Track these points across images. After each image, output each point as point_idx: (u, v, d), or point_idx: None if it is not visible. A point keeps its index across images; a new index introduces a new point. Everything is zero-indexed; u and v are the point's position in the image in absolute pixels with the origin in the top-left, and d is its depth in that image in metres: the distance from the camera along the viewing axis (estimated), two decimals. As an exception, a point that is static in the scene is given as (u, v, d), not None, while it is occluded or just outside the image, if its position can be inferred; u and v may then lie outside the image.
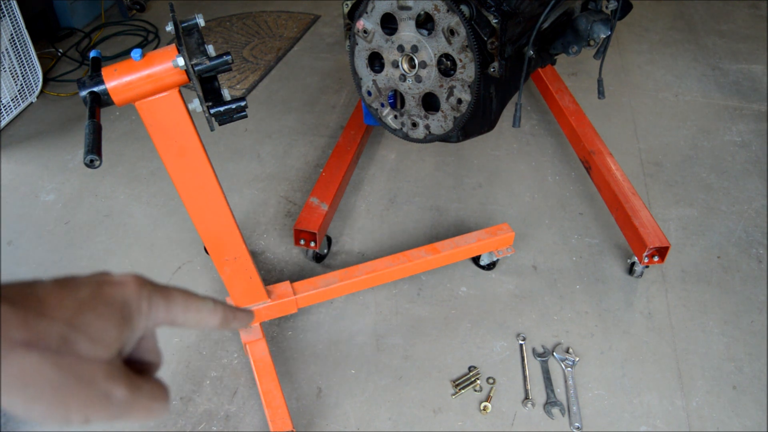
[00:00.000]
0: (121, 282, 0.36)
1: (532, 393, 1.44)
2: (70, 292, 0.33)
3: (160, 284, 0.38)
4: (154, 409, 0.36)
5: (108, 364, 0.33)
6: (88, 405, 0.32)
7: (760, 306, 1.65)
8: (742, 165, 2.17)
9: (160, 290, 0.37)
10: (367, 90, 1.53)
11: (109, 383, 0.33)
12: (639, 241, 1.64)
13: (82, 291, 0.34)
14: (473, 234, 1.67)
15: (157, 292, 0.37)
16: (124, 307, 0.35)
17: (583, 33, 1.45)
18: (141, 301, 0.36)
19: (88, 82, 0.91)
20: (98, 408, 0.32)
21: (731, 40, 2.99)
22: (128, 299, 0.35)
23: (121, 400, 0.33)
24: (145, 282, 0.37)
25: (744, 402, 1.42)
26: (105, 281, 0.36)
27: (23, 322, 0.30)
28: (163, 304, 0.37)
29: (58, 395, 0.31)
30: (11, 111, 2.44)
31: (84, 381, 0.32)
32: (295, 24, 3.21)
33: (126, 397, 0.34)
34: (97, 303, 0.34)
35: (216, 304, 0.41)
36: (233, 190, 2.07)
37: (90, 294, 0.34)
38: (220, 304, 0.41)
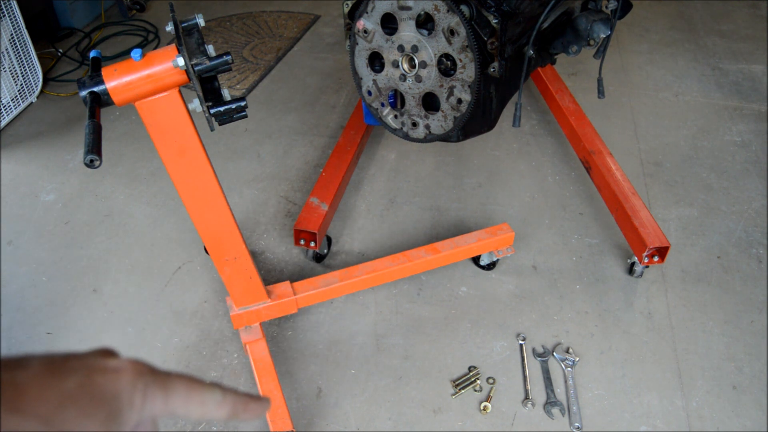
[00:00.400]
0: (116, 370, 0.33)
1: (532, 393, 1.44)
2: (54, 381, 0.30)
3: (161, 371, 0.34)
4: None
5: None
6: None
7: (760, 306, 1.65)
8: (742, 165, 2.17)
9: (159, 380, 0.34)
10: (368, 90, 1.53)
11: None
12: (639, 241, 1.64)
13: (69, 381, 0.30)
14: (473, 234, 1.67)
15: (155, 382, 0.34)
16: (113, 402, 0.31)
17: (583, 33, 1.45)
18: (134, 394, 0.33)
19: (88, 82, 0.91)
20: None
21: (731, 40, 2.99)
22: (120, 392, 0.32)
23: None
24: (142, 371, 0.33)
25: (744, 402, 1.42)
26: (98, 368, 0.32)
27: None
28: (161, 395, 0.34)
29: None
30: (11, 111, 2.44)
31: None
32: (295, 24, 3.21)
33: None
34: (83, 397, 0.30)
35: (225, 394, 0.36)
36: (233, 190, 2.07)
37: (77, 384, 0.31)
38: (230, 393, 0.37)
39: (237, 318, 1.44)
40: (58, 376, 0.30)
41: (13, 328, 1.62)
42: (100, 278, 1.76)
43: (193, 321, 1.63)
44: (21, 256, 1.84)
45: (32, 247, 1.87)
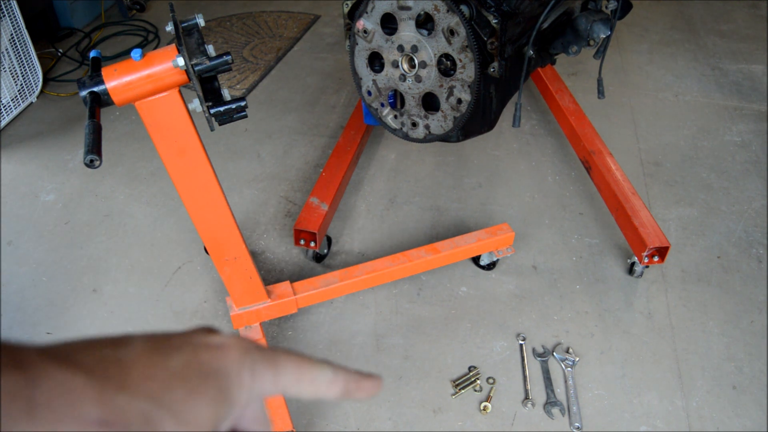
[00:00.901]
0: (222, 347, 0.31)
1: (532, 393, 1.44)
2: (160, 359, 0.29)
3: (268, 350, 0.33)
4: None
5: None
6: None
7: (760, 306, 1.65)
8: (742, 165, 2.17)
9: (267, 358, 0.32)
10: (367, 90, 1.53)
11: None
12: (639, 241, 1.64)
13: (174, 358, 0.29)
14: (473, 234, 1.67)
15: (263, 360, 0.32)
16: (221, 380, 0.30)
17: (583, 33, 1.45)
18: (242, 371, 0.31)
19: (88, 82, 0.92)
20: None
21: (731, 40, 2.99)
22: (227, 369, 0.30)
23: None
24: (249, 348, 0.32)
25: (744, 402, 1.42)
26: (203, 345, 0.31)
27: (100, 397, 0.26)
28: (270, 373, 0.32)
29: None
30: (11, 111, 2.44)
31: None
32: (295, 24, 3.21)
33: None
34: (191, 375, 0.29)
35: (336, 372, 0.34)
36: (233, 190, 2.07)
37: (183, 362, 0.29)
38: (342, 371, 0.35)
39: (237, 318, 1.44)
40: (163, 354, 0.29)
41: (13, 328, 1.62)
42: (100, 278, 1.76)
43: (193, 321, 1.63)
44: (21, 256, 1.84)
45: (32, 247, 1.87)
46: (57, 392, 0.25)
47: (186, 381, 0.28)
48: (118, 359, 0.27)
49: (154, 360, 0.28)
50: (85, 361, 0.26)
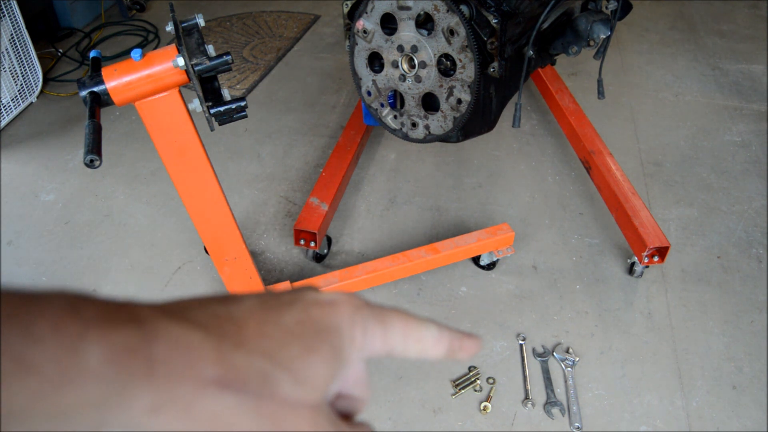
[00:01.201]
0: (333, 303, 0.30)
1: (532, 393, 1.44)
2: (273, 316, 0.28)
3: (376, 306, 0.31)
4: None
5: (313, 411, 0.27)
6: None
7: (760, 306, 1.65)
8: (742, 165, 2.17)
9: (377, 315, 0.31)
10: (367, 90, 1.53)
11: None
12: (639, 241, 1.64)
13: (287, 315, 0.28)
14: (473, 234, 1.67)
15: (373, 317, 0.31)
16: (335, 337, 0.29)
17: (583, 33, 1.45)
18: (354, 329, 0.29)
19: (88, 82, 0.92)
20: None
21: (731, 40, 2.99)
22: (341, 327, 0.29)
23: None
24: (359, 304, 0.30)
25: (744, 402, 1.42)
26: (313, 302, 0.29)
27: (218, 355, 0.25)
28: (380, 331, 0.31)
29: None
30: (11, 111, 2.44)
31: None
32: (295, 24, 3.21)
33: None
34: (305, 331, 0.28)
35: (440, 329, 0.33)
36: (233, 190, 2.07)
37: (296, 319, 0.28)
38: (445, 329, 0.33)
39: (237, 318, 1.44)
40: (275, 311, 0.28)
41: (13, 328, 1.62)
42: (100, 278, 1.76)
43: (193, 321, 1.63)
44: (21, 256, 1.84)
45: (32, 247, 1.87)
46: (175, 349, 0.24)
47: (300, 338, 0.27)
48: (231, 316, 0.26)
49: (268, 317, 0.27)
50: (200, 317, 0.26)
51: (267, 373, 0.26)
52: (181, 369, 0.24)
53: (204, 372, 0.24)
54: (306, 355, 0.27)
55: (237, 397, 0.25)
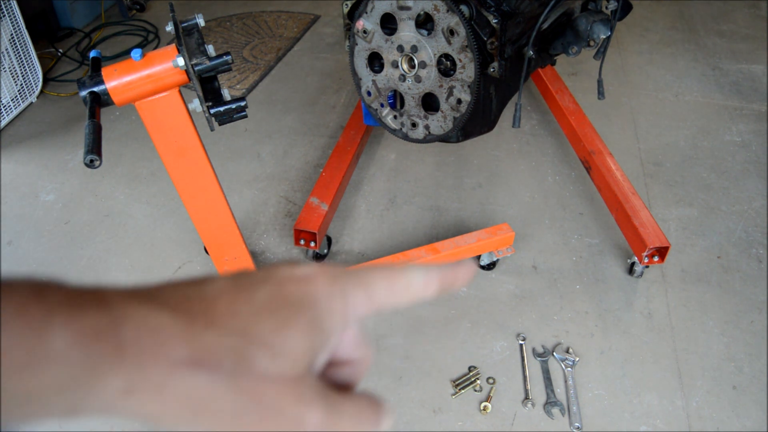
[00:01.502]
0: (307, 277, 0.29)
1: (532, 393, 1.44)
2: (245, 294, 0.27)
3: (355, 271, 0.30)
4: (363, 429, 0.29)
5: (296, 383, 0.26)
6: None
7: (760, 306, 1.65)
8: (742, 165, 2.17)
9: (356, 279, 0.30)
10: (367, 90, 1.53)
11: (300, 407, 0.26)
12: (639, 241, 1.64)
13: (260, 292, 0.27)
14: (473, 234, 1.67)
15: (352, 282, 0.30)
16: (311, 310, 0.28)
17: (583, 33, 1.45)
18: (333, 300, 0.29)
19: (88, 82, 0.92)
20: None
21: (731, 40, 2.99)
22: (317, 298, 0.28)
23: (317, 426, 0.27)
24: (336, 274, 0.29)
25: (744, 402, 1.42)
26: (288, 278, 0.29)
27: (187, 335, 0.24)
28: (363, 294, 0.30)
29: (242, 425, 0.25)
30: (11, 111, 2.44)
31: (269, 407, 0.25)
32: (295, 24, 3.21)
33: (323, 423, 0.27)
34: (279, 307, 0.27)
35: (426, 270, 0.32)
36: (233, 190, 2.07)
37: (269, 295, 0.27)
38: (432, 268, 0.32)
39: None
40: (247, 289, 0.27)
41: (13, 328, 1.62)
42: (100, 278, 1.76)
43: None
44: (21, 256, 1.84)
45: (32, 247, 1.87)
46: (144, 331, 0.24)
47: (274, 313, 0.27)
48: (202, 296, 0.26)
49: (239, 295, 0.27)
50: (168, 299, 0.25)
51: (240, 350, 0.25)
52: (150, 350, 0.23)
53: (174, 352, 0.24)
54: (281, 329, 0.26)
55: (211, 375, 0.24)
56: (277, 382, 0.26)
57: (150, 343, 0.24)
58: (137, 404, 0.23)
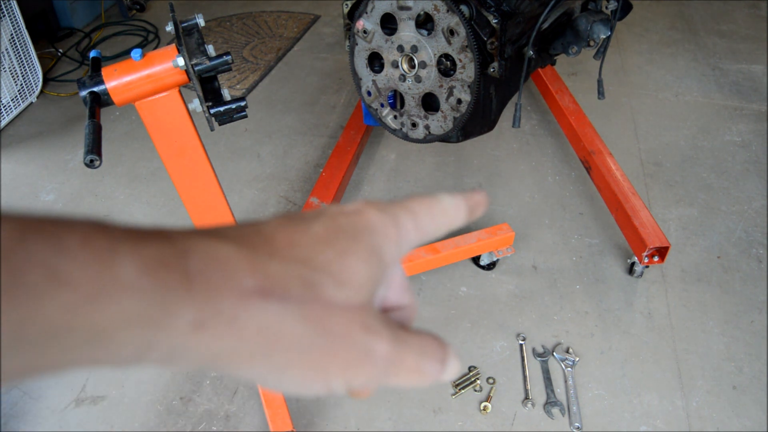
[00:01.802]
0: (358, 210, 0.29)
1: (532, 393, 1.44)
2: (301, 227, 0.27)
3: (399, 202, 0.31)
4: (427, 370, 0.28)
5: (362, 312, 0.26)
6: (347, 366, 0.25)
7: (760, 306, 1.65)
8: (742, 165, 2.17)
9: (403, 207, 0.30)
10: (367, 90, 1.53)
11: (367, 336, 0.26)
12: (639, 241, 1.64)
13: (315, 226, 0.27)
14: (473, 234, 1.67)
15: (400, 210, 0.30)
16: (369, 237, 0.28)
17: (583, 33, 1.45)
18: (387, 226, 0.28)
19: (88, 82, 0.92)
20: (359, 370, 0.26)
21: (731, 40, 2.99)
22: (373, 227, 0.28)
23: (384, 358, 0.26)
24: (383, 205, 0.30)
25: (744, 402, 1.42)
26: (339, 212, 0.29)
27: (254, 265, 0.24)
28: (411, 222, 0.30)
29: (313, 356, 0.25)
30: (11, 111, 2.44)
31: (338, 336, 0.25)
32: (295, 24, 3.21)
33: (390, 354, 0.26)
34: (337, 237, 0.27)
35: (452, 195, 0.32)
36: (233, 190, 2.07)
37: (324, 228, 0.27)
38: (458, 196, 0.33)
39: (237, 318, 1.44)
40: (303, 224, 0.27)
41: (13, 328, 1.62)
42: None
43: (193, 321, 1.63)
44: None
45: (32, 247, 1.86)
46: (211, 262, 0.23)
47: (333, 243, 0.27)
48: (260, 232, 0.26)
49: (296, 229, 0.27)
50: (228, 234, 0.25)
51: (307, 278, 0.25)
52: (219, 281, 0.23)
53: (243, 283, 0.23)
54: (343, 257, 0.26)
55: (281, 304, 0.24)
56: (345, 310, 0.25)
57: (218, 274, 0.23)
58: (209, 340, 0.23)
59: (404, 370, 0.27)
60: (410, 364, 0.27)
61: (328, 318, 0.25)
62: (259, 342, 0.23)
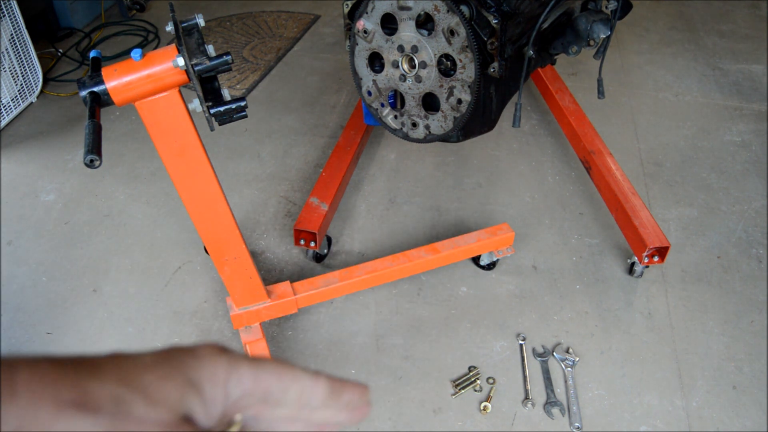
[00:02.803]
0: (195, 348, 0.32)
1: (532, 393, 1.44)
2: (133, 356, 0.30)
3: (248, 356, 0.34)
4: None
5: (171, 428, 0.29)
6: None
7: (760, 306, 1.65)
8: (742, 165, 2.17)
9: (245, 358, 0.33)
10: (367, 90, 1.54)
11: None
12: (639, 241, 1.64)
13: (144, 358, 0.30)
14: (473, 234, 1.67)
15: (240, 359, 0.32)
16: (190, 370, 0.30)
17: (583, 33, 1.45)
18: (215, 367, 0.31)
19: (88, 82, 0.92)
20: None
21: (731, 40, 2.99)
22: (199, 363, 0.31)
23: None
24: (224, 349, 0.32)
25: (744, 402, 1.42)
26: (174, 349, 0.32)
27: (74, 381, 0.27)
28: (248, 371, 0.32)
29: None
30: (11, 111, 2.44)
31: None
32: (295, 24, 3.21)
33: None
34: (161, 365, 0.30)
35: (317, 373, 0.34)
36: (233, 190, 2.07)
37: (152, 359, 0.30)
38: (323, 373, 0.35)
39: (237, 318, 1.44)
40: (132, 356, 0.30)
41: (13, 328, 1.62)
42: (100, 278, 1.76)
43: (193, 321, 1.63)
44: (21, 256, 1.84)
45: (32, 247, 1.87)
46: (36, 376, 0.26)
47: (155, 369, 0.30)
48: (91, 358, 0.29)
49: (128, 357, 0.30)
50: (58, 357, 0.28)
51: (120, 396, 0.28)
52: (40, 391, 0.26)
53: (61, 395, 0.26)
54: (159, 381, 0.29)
55: (92, 418, 0.26)
56: (153, 426, 0.28)
57: (40, 385, 0.26)
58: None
59: None
60: None
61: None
62: None
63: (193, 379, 0.30)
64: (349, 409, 0.36)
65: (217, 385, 0.31)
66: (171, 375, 0.30)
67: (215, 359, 0.32)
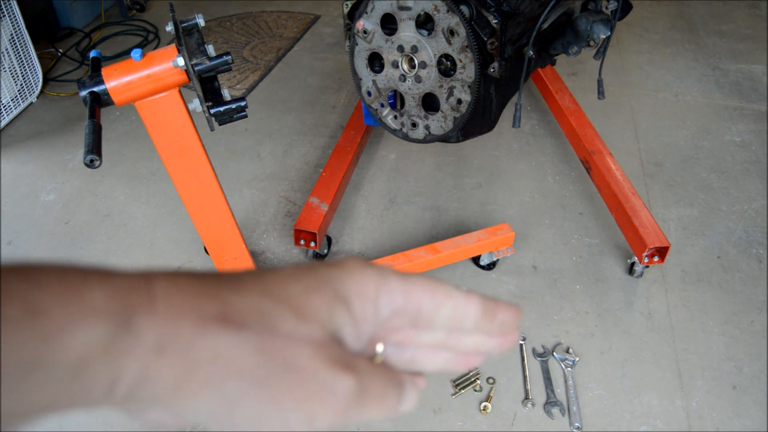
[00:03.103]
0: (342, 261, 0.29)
1: (532, 393, 1.44)
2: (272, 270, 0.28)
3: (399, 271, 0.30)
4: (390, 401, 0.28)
5: (318, 347, 0.26)
6: (306, 401, 0.25)
7: (760, 306, 1.65)
8: (742, 165, 2.17)
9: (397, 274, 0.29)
10: (367, 90, 1.54)
11: (330, 372, 0.25)
12: (639, 241, 1.64)
13: (286, 270, 0.28)
14: (473, 234, 1.67)
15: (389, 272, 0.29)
16: (339, 282, 0.27)
17: (583, 33, 1.45)
18: (365, 280, 0.28)
19: (88, 82, 0.92)
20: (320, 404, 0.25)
21: (731, 40, 2.99)
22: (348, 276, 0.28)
23: (348, 393, 0.26)
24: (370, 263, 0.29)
25: (744, 402, 1.42)
26: (321, 263, 0.29)
27: (216, 294, 0.25)
28: (399, 285, 0.29)
29: (267, 389, 0.24)
30: (11, 111, 2.44)
31: (296, 369, 0.25)
32: (295, 24, 3.21)
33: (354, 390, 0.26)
34: (306, 275, 0.27)
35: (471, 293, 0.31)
36: (233, 190, 2.07)
37: (296, 269, 0.28)
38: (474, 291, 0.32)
39: (237, 318, 1.44)
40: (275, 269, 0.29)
41: (13, 328, 1.62)
42: (100, 278, 1.76)
43: (193, 321, 1.63)
44: (21, 256, 1.84)
45: (32, 247, 1.87)
46: (174, 288, 0.24)
47: (300, 280, 0.27)
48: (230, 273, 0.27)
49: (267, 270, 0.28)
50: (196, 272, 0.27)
51: (266, 310, 0.25)
52: (181, 304, 0.24)
53: (204, 308, 0.24)
54: (307, 294, 0.26)
55: (237, 333, 0.24)
56: (305, 344, 0.25)
57: (180, 298, 0.24)
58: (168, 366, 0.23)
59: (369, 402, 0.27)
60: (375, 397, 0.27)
61: (282, 350, 0.25)
62: (212, 370, 0.24)
63: (341, 292, 0.27)
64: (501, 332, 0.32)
65: (367, 300, 0.28)
66: (318, 288, 0.27)
67: (364, 272, 0.28)
